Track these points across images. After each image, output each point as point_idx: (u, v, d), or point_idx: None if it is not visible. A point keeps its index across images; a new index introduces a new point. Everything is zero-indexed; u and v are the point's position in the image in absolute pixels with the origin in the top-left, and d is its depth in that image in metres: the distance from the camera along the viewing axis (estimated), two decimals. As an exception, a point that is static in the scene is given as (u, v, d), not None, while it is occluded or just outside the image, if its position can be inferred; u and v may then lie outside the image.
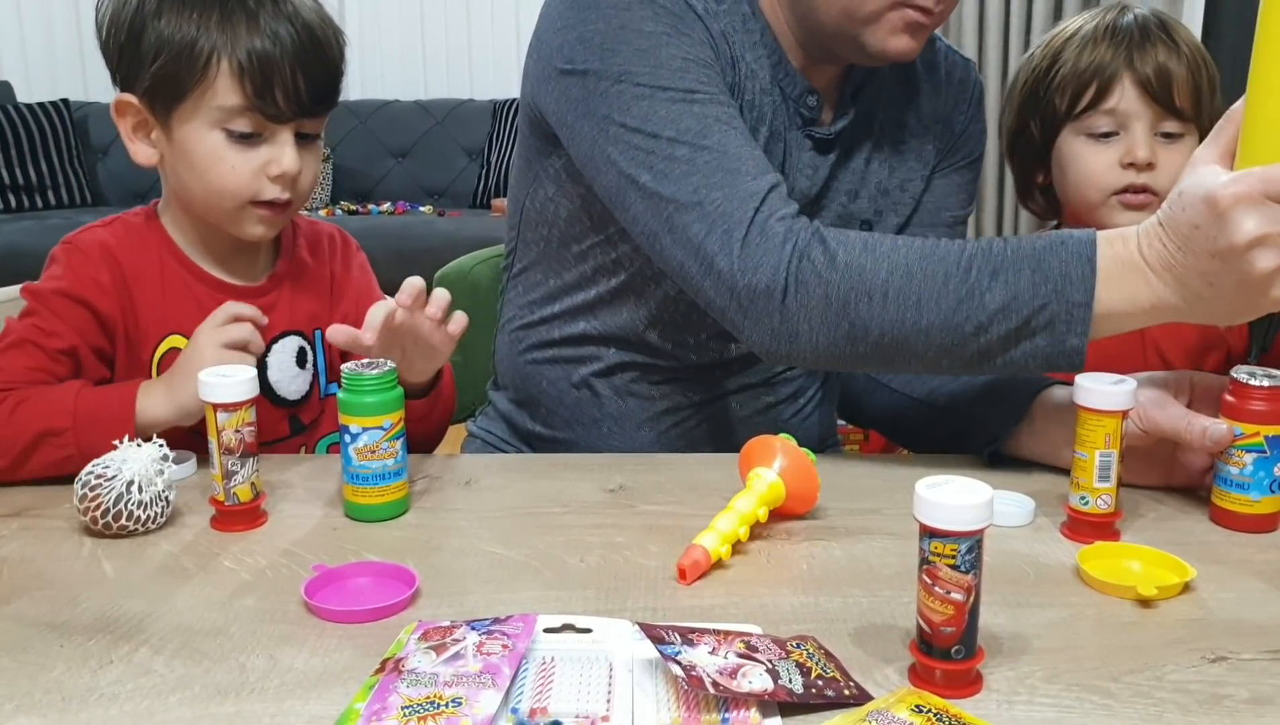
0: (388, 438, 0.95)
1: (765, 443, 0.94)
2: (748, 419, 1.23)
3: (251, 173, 1.08)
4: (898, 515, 0.96)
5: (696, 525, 0.92)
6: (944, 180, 1.26)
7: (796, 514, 0.94)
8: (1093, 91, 1.23)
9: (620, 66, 1.03)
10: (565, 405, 1.25)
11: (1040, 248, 0.93)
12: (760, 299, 0.98)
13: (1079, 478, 0.91)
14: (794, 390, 1.26)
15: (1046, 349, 0.93)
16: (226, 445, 0.93)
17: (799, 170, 1.16)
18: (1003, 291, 0.92)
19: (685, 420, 1.23)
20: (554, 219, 1.21)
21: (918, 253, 0.96)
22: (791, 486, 0.92)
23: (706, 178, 1.00)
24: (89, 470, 0.92)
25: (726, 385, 1.22)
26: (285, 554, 0.89)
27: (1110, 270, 0.90)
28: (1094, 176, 1.23)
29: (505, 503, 1.00)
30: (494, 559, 0.88)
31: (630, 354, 1.21)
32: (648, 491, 1.02)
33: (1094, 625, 0.77)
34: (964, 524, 0.67)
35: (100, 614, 0.80)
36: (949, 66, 1.25)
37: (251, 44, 1.05)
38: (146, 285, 1.12)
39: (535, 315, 1.26)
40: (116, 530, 0.91)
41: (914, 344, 0.95)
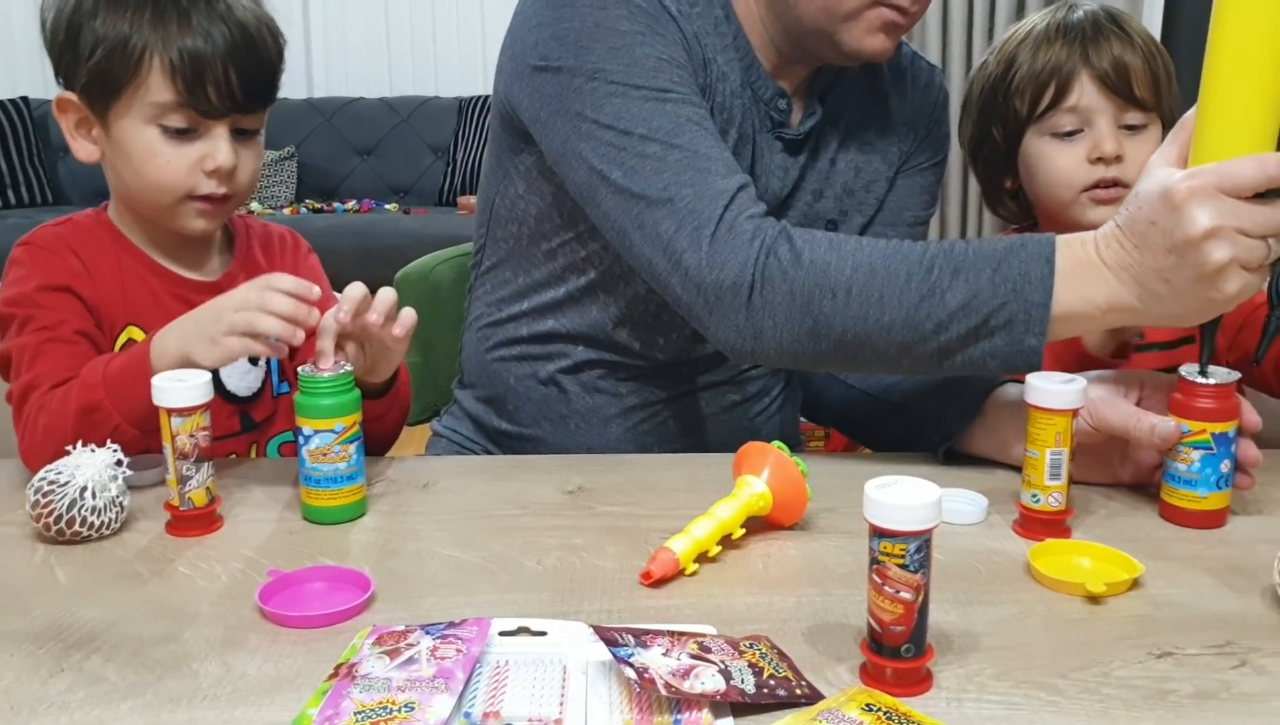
0: (341, 440, 0.95)
1: (759, 450, 0.94)
2: (714, 416, 1.24)
3: (187, 167, 1.09)
4: (853, 514, 0.96)
5: (655, 526, 0.93)
6: (907, 181, 1.27)
7: (784, 525, 0.95)
8: (1052, 91, 1.23)
9: (594, 64, 1.04)
10: (533, 402, 1.25)
11: (1001, 249, 0.94)
12: (726, 295, 0.99)
13: (1030, 476, 0.92)
14: (759, 388, 1.27)
15: (1005, 348, 0.94)
16: (181, 450, 0.92)
17: (770, 172, 1.17)
18: (963, 290, 0.93)
19: (653, 417, 1.23)
20: (524, 216, 1.21)
21: (881, 252, 0.97)
22: (779, 497, 0.92)
23: (677, 175, 1.01)
24: (41, 476, 0.91)
25: (694, 382, 1.23)
26: (240, 559, 0.89)
27: (1068, 271, 0.92)
28: (1063, 175, 1.24)
29: (463, 505, 1.00)
30: (450, 562, 0.89)
31: (598, 352, 1.21)
32: (606, 493, 1.02)
33: (1043, 622, 0.79)
34: (912, 524, 0.67)
35: (52, 622, 0.79)
36: (915, 71, 1.26)
37: (183, 42, 1.06)
38: (106, 277, 1.13)
39: (503, 312, 1.26)
40: (70, 536, 0.91)
41: (876, 341, 0.96)
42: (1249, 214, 0.85)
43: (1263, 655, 0.74)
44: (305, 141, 4.91)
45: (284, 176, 4.77)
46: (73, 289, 1.10)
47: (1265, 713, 0.67)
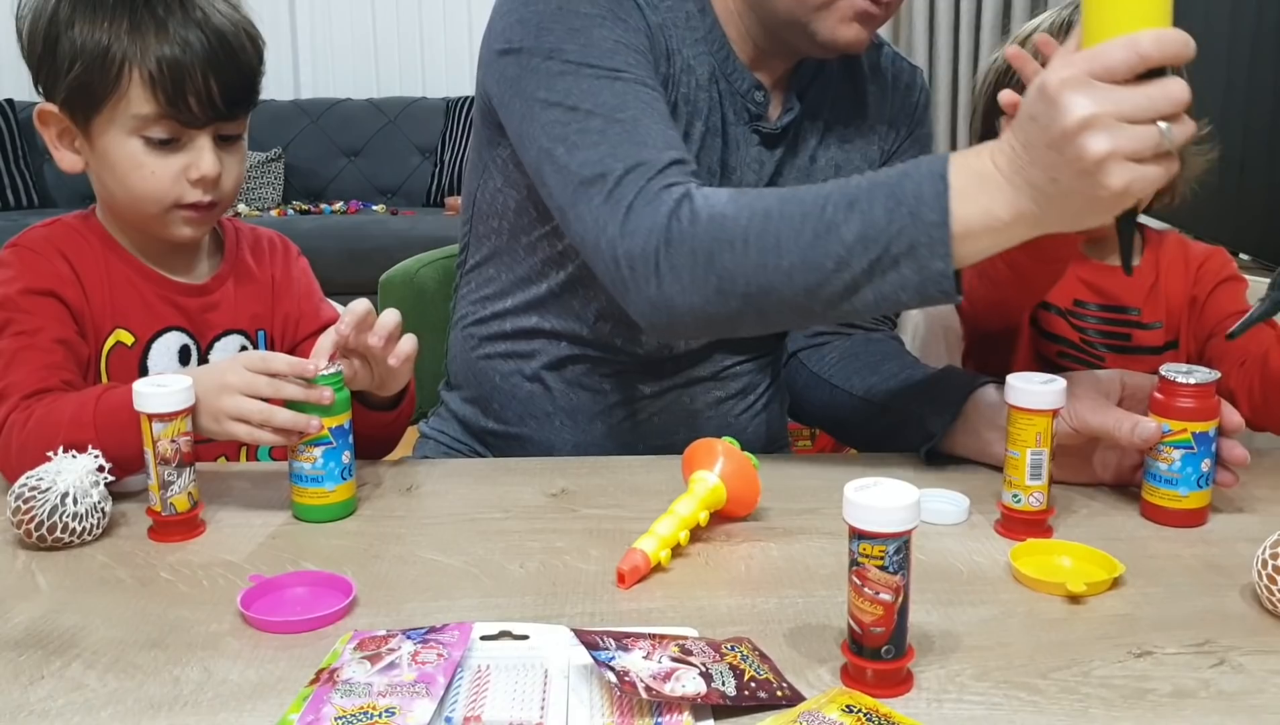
0: (309, 440, 0.95)
1: (707, 445, 0.94)
2: (698, 412, 1.24)
3: (171, 178, 1.09)
4: (835, 515, 0.96)
5: (638, 528, 0.92)
6: None
7: (737, 517, 0.95)
8: None
9: (551, 44, 1.05)
10: (518, 400, 1.25)
11: (895, 174, 0.90)
12: (638, 266, 0.98)
13: (1011, 476, 0.92)
14: (744, 386, 1.27)
15: (914, 277, 0.89)
16: (162, 455, 0.92)
17: (746, 165, 1.17)
18: (859, 222, 0.89)
19: (636, 413, 1.23)
20: (504, 210, 1.21)
21: (778, 197, 0.95)
22: (732, 490, 0.92)
23: (613, 149, 1.01)
24: (22, 482, 0.91)
25: (676, 378, 1.23)
26: (223, 564, 0.89)
27: (963, 185, 0.87)
28: None
29: (447, 509, 1.00)
30: (433, 567, 0.89)
31: (581, 347, 1.21)
32: (589, 495, 1.03)
33: (1024, 622, 0.79)
34: (891, 525, 0.67)
35: (32, 628, 0.79)
36: (895, 71, 1.27)
37: (161, 51, 1.05)
38: (94, 280, 1.12)
39: (488, 310, 1.27)
40: (51, 542, 0.91)
41: (780, 289, 0.93)
42: (1128, 98, 0.79)
43: (1241, 654, 0.74)
44: (292, 143, 4.90)
45: (271, 178, 4.76)
46: (57, 293, 1.09)
47: (1243, 711, 0.67)
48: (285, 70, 5.11)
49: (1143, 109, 0.78)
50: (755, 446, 1.25)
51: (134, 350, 1.13)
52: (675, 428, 1.24)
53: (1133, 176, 0.79)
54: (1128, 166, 0.79)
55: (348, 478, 0.97)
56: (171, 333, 1.15)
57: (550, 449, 1.24)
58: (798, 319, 0.99)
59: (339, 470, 0.96)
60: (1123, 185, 0.80)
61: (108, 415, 0.97)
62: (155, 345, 1.14)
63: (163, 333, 1.15)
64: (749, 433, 1.26)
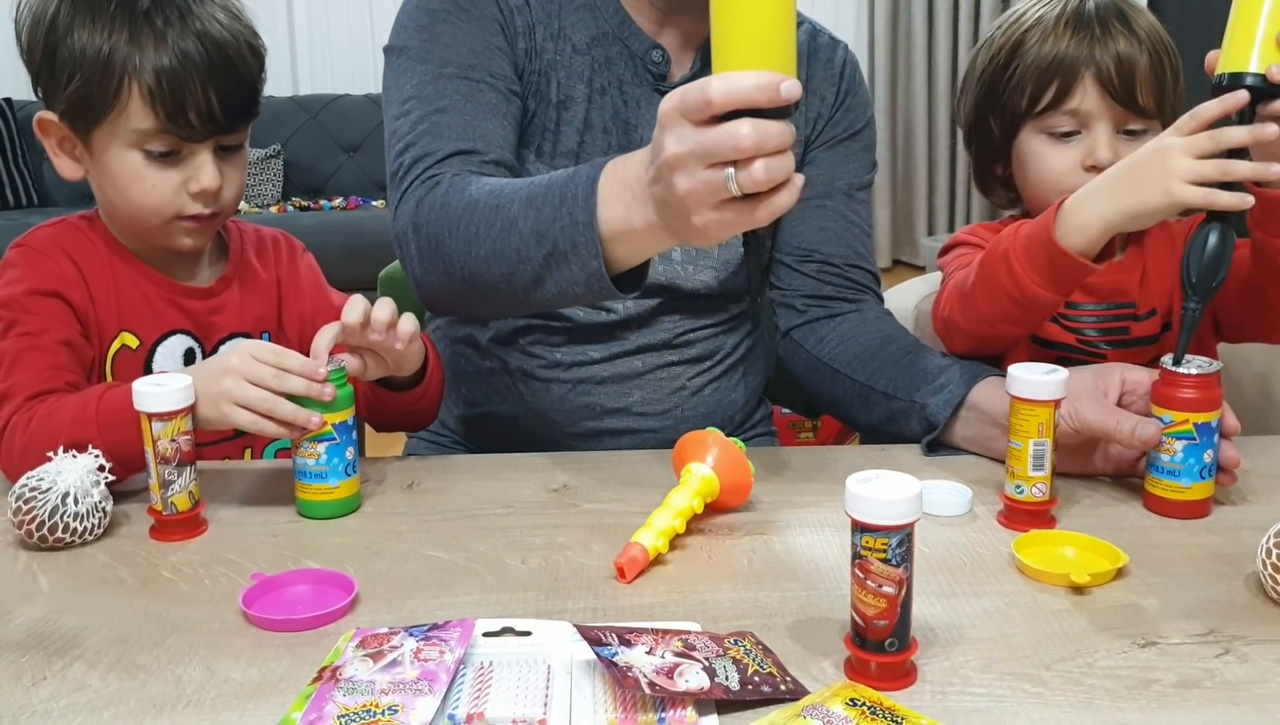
0: (310, 437, 0.95)
1: (698, 438, 0.94)
2: (646, 375, 1.25)
3: (172, 191, 1.08)
4: (836, 508, 0.96)
5: (639, 523, 0.92)
6: (829, 153, 1.29)
7: (731, 506, 0.95)
8: (1054, 91, 1.16)
9: (403, 42, 1.16)
10: (480, 377, 1.28)
11: (566, 176, 0.94)
12: (401, 246, 1.09)
13: (1014, 467, 0.92)
14: (698, 353, 1.27)
15: (580, 274, 0.92)
16: (162, 454, 0.92)
17: (643, 121, 1.21)
18: (533, 219, 0.94)
19: (589, 378, 1.24)
20: None
21: (492, 187, 1.01)
22: (725, 480, 0.92)
23: (416, 140, 1.10)
24: (23, 483, 0.91)
25: (625, 344, 1.24)
26: (224, 563, 0.89)
27: (608, 193, 0.89)
28: (1054, 178, 1.18)
29: (448, 505, 1.00)
30: (435, 563, 0.88)
31: (524, 318, 1.24)
32: (591, 490, 1.02)
33: (1027, 613, 0.79)
34: (894, 518, 0.67)
35: (34, 629, 0.79)
36: (815, 45, 1.28)
37: (160, 63, 1.03)
38: (99, 282, 1.11)
39: None
40: (53, 543, 0.90)
41: (485, 276, 1.00)
42: (701, 141, 0.77)
43: (1246, 643, 0.74)
44: (291, 139, 4.89)
45: (270, 175, 4.75)
46: (62, 294, 1.08)
47: (1249, 700, 0.67)
48: (283, 66, 5.10)
49: (711, 154, 0.77)
50: (718, 416, 1.28)
51: (139, 353, 1.13)
52: (629, 390, 1.25)
53: (708, 220, 0.80)
54: (704, 209, 0.79)
55: (351, 474, 0.97)
56: (176, 336, 1.15)
57: (515, 419, 1.27)
58: (510, 304, 1.04)
59: (342, 466, 0.96)
60: (703, 225, 0.80)
61: (110, 413, 0.97)
62: (160, 348, 1.14)
63: (168, 336, 1.14)
64: (707, 398, 1.27)
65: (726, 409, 1.30)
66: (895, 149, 4.70)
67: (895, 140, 4.70)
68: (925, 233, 4.78)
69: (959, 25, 4.34)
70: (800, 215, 1.28)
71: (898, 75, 4.58)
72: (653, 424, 1.26)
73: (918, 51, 4.43)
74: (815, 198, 1.28)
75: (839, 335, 1.24)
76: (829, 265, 1.27)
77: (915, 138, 4.61)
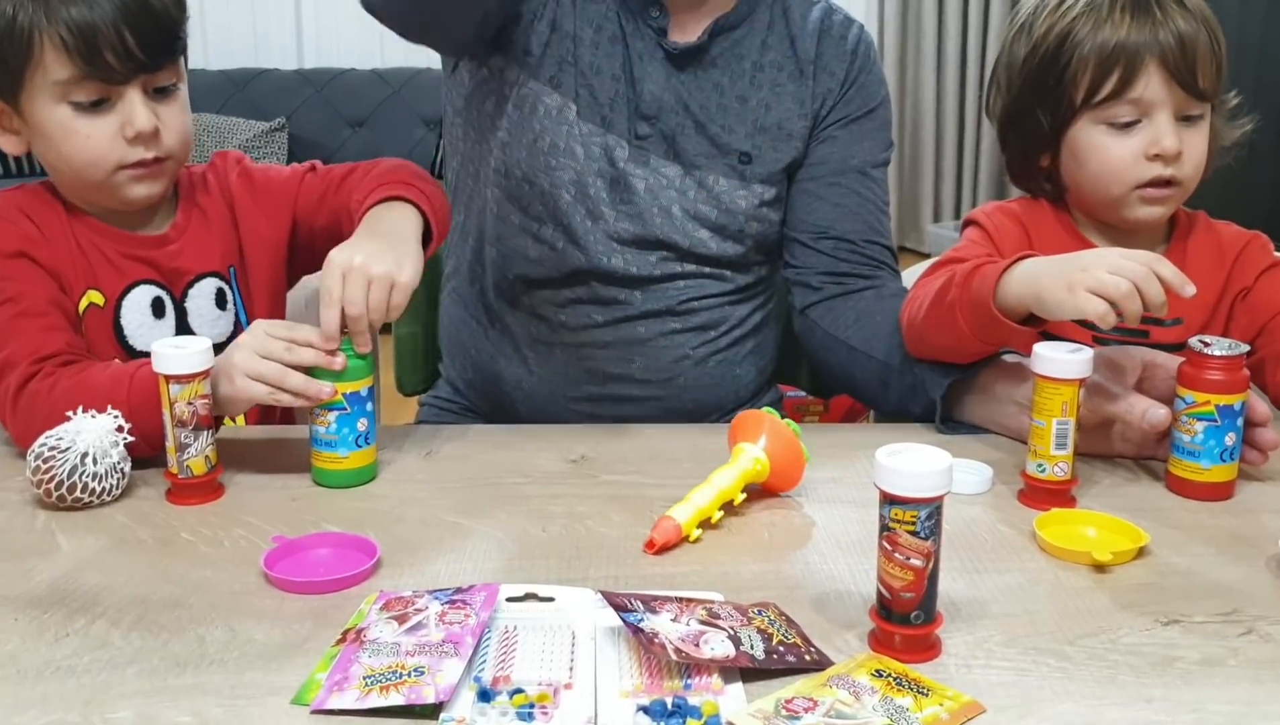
0: (321, 405, 0.94)
1: (753, 417, 0.93)
2: (650, 342, 1.25)
3: (108, 140, 1.05)
4: (857, 483, 0.97)
5: (659, 494, 0.92)
6: (842, 131, 1.28)
7: (781, 490, 0.94)
8: (1115, 80, 1.09)
9: None
10: (489, 341, 1.30)
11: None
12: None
13: (1036, 445, 0.92)
14: (703, 321, 1.27)
15: None
16: (179, 418, 0.91)
17: (648, 75, 1.23)
18: None
19: (591, 342, 1.25)
20: (454, 141, 1.35)
21: None
22: (777, 465, 0.92)
23: None
24: (42, 442, 0.91)
25: (628, 309, 1.25)
26: (243, 526, 0.89)
27: None
28: (1117, 170, 1.11)
29: (467, 473, 1.00)
30: (456, 529, 0.88)
31: (528, 267, 1.25)
32: (609, 461, 1.02)
33: (1050, 590, 0.79)
34: (924, 491, 0.67)
35: (55, 586, 0.79)
36: (828, 24, 1.29)
37: (68, 15, 1.01)
38: (60, 243, 1.09)
39: (460, 258, 1.35)
40: (71, 502, 0.90)
41: None
42: None
43: (1269, 623, 0.74)
44: (296, 113, 4.86)
45: (274, 148, 4.73)
46: (29, 254, 1.06)
47: (1273, 679, 0.67)
48: (289, 39, 5.07)
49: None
50: (722, 388, 1.28)
51: (106, 310, 1.10)
52: (630, 357, 1.26)
53: None
54: None
55: (364, 445, 0.96)
56: (141, 287, 1.12)
57: (519, 383, 1.28)
58: None
59: (353, 437, 0.95)
60: None
61: (142, 392, 0.95)
62: (126, 301, 1.11)
63: (132, 288, 1.12)
64: (711, 369, 1.28)
65: (731, 383, 1.30)
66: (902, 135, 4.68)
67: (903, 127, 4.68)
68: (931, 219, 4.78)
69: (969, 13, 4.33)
70: (815, 193, 1.28)
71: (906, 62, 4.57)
72: (654, 392, 1.26)
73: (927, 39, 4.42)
74: (828, 176, 1.27)
75: (856, 312, 1.24)
76: (845, 242, 1.27)
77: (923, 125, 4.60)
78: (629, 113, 1.22)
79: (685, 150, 1.24)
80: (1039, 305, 0.95)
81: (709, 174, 1.24)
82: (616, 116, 1.22)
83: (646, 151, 1.23)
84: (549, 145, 1.22)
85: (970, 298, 1.01)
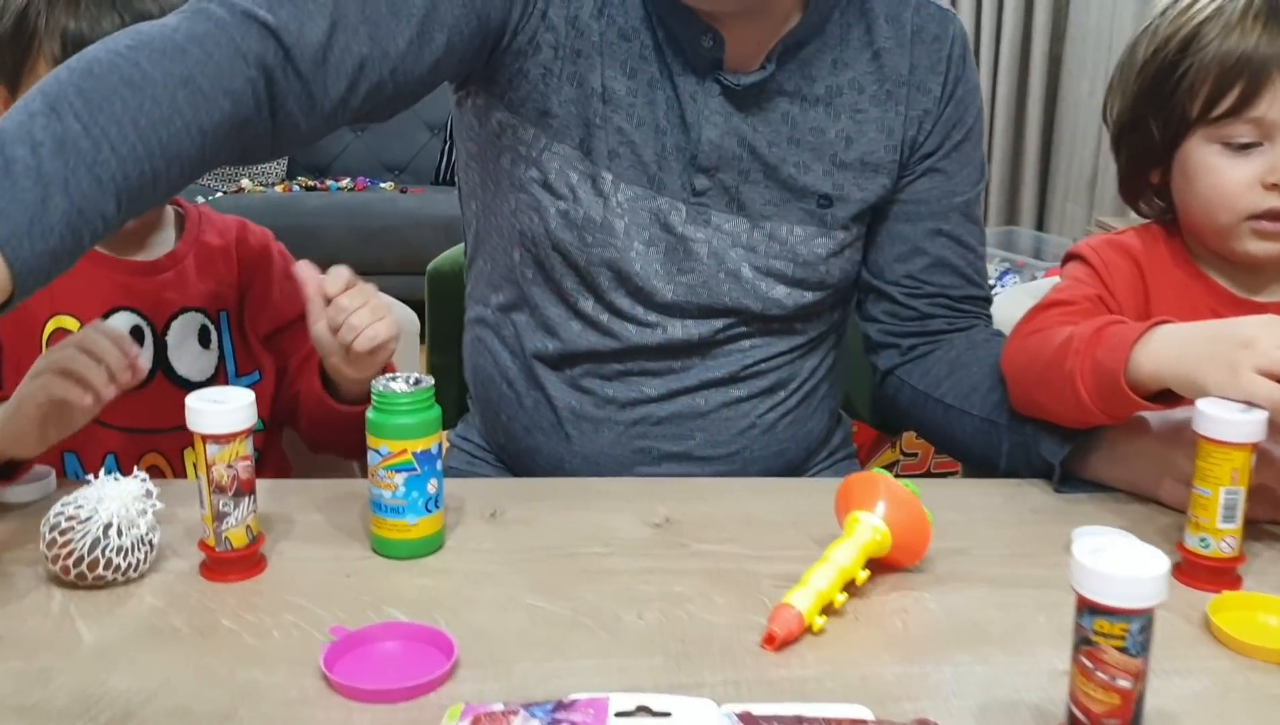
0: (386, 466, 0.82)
1: (865, 480, 0.82)
2: (712, 416, 1.11)
3: None
4: (988, 557, 0.85)
5: (764, 571, 0.81)
6: (945, 162, 1.12)
7: (903, 566, 0.83)
8: (1236, 95, 0.98)
9: None
10: (524, 410, 1.14)
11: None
12: None
13: (1199, 517, 0.81)
14: (770, 384, 1.13)
15: None
16: (218, 482, 0.79)
17: (704, 119, 1.04)
18: None
19: (644, 419, 1.10)
20: (472, 185, 1.16)
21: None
22: (899, 534, 0.80)
23: None
24: (57, 511, 0.79)
25: (686, 379, 1.10)
26: (293, 610, 0.77)
27: None
28: (1227, 196, 1.00)
29: (539, 540, 0.88)
30: (537, 615, 0.76)
31: (572, 341, 1.10)
32: (698, 527, 0.90)
33: (1246, 698, 0.67)
34: (1138, 599, 0.56)
35: (79, 693, 0.67)
36: (920, 21, 1.10)
37: (68, 26, 0.97)
38: None
39: (487, 308, 1.17)
40: (92, 581, 0.78)
41: None
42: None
43: None
44: (297, 117, 4.74)
45: (275, 153, 4.61)
46: None
47: None
48: (289, 41, 4.95)
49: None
50: (792, 452, 1.15)
51: None
52: (689, 432, 1.11)
53: None
54: None
55: (433, 509, 0.85)
56: (120, 313, 1.05)
57: (560, 461, 1.12)
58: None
59: (423, 501, 0.83)
60: None
61: None
62: None
63: (110, 314, 1.05)
64: (780, 434, 1.14)
65: (803, 442, 1.16)
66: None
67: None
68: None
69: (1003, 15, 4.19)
70: (913, 242, 1.12)
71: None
72: (718, 469, 1.11)
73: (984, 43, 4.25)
74: (929, 219, 1.12)
75: (948, 364, 1.11)
76: (944, 297, 1.13)
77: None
78: (682, 166, 1.05)
79: (752, 200, 1.07)
80: (1190, 388, 0.83)
81: (781, 224, 1.08)
82: (667, 174, 1.05)
83: (707, 209, 1.06)
84: (582, 219, 1.05)
85: (1094, 368, 0.90)
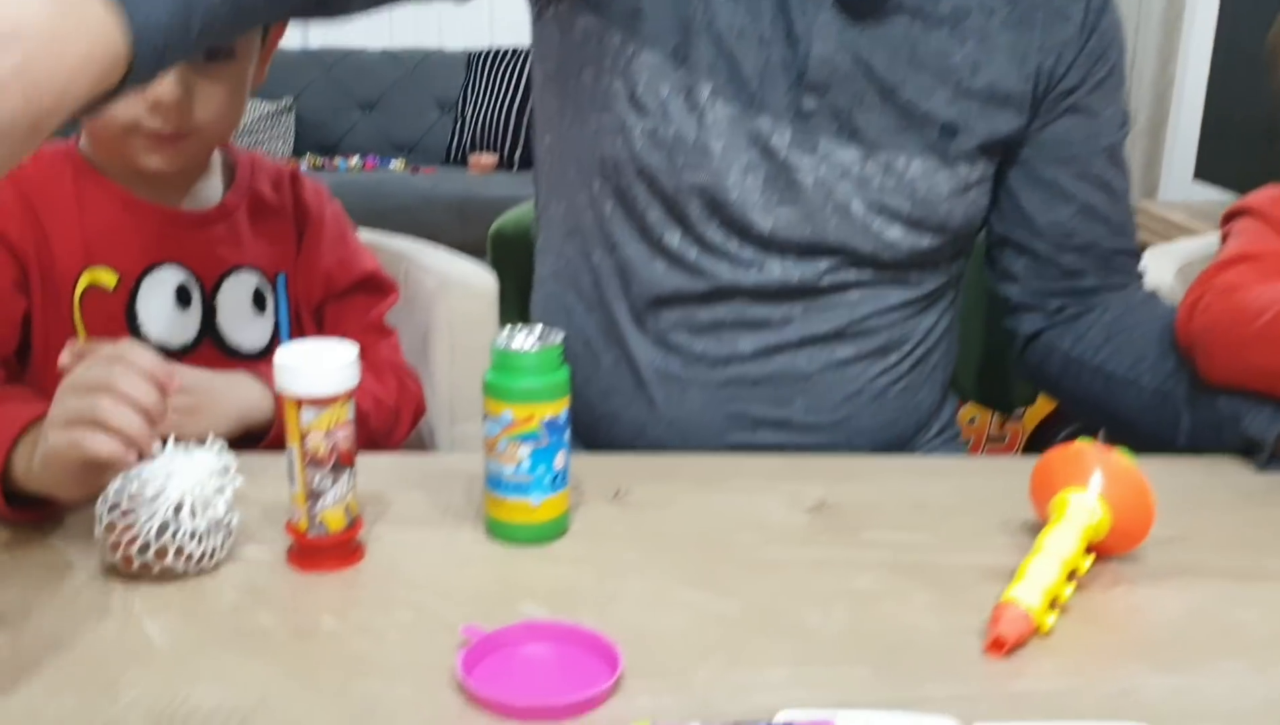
0: (511, 434, 0.69)
1: (1073, 454, 0.69)
2: (816, 378, 0.98)
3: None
4: (1210, 546, 0.73)
5: (959, 563, 0.69)
6: (1090, 98, 0.99)
7: (1120, 552, 0.70)
8: None
9: None
10: (602, 371, 1.01)
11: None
12: None
13: None
14: (883, 343, 1.00)
15: None
16: (313, 454, 0.66)
17: (814, 32, 0.92)
18: None
19: (738, 380, 0.98)
20: (544, 123, 1.05)
21: None
22: (1119, 516, 0.67)
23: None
24: (117, 488, 0.65)
25: (783, 333, 0.97)
26: (410, 607, 0.63)
27: None
28: None
29: (677, 525, 0.75)
30: (702, 614, 0.63)
31: (656, 285, 0.97)
32: (861, 512, 0.77)
33: None
34: None
35: (152, 709, 0.54)
36: None
37: None
38: (60, 214, 0.93)
39: (563, 260, 1.05)
40: (159, 572, 0.65)
41: None
42: None
43: None
44: (303, 93, 4.61)
45: (281, 130, 4.47)
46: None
47: None
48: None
49: None
50: (900, 424, 1.02)
51: (119, 293, 0.92)
52: (789, 396, 0.98)
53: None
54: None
55: (560, 487, 0.71)
56: (165, 268, 0.94)
57: (641, 428, 1.00)
58: None
59: (549, 477, 0.70)
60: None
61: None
62: (145, 284, 0.94)
63: (153, 269, 0.94)
64: (890, 403, 1.01)
65: (912, 414, 1.03)
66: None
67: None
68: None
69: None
70: (1057, 187, 0.99)
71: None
72: (819, 438, 0.98)
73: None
74: (1074, 162, 0.99)
75: (1105, 330, 0.98)
76: (1093, 251, 1.00)
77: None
78: (789, 84, 0.93)
79: (866, 127, 0.94)
80: None
81: (898, 155, 0.95)
82: (770, 91, 0.93)
83: (815, 133, 0.94)
84: (673, 139, 0.93)
85: None
